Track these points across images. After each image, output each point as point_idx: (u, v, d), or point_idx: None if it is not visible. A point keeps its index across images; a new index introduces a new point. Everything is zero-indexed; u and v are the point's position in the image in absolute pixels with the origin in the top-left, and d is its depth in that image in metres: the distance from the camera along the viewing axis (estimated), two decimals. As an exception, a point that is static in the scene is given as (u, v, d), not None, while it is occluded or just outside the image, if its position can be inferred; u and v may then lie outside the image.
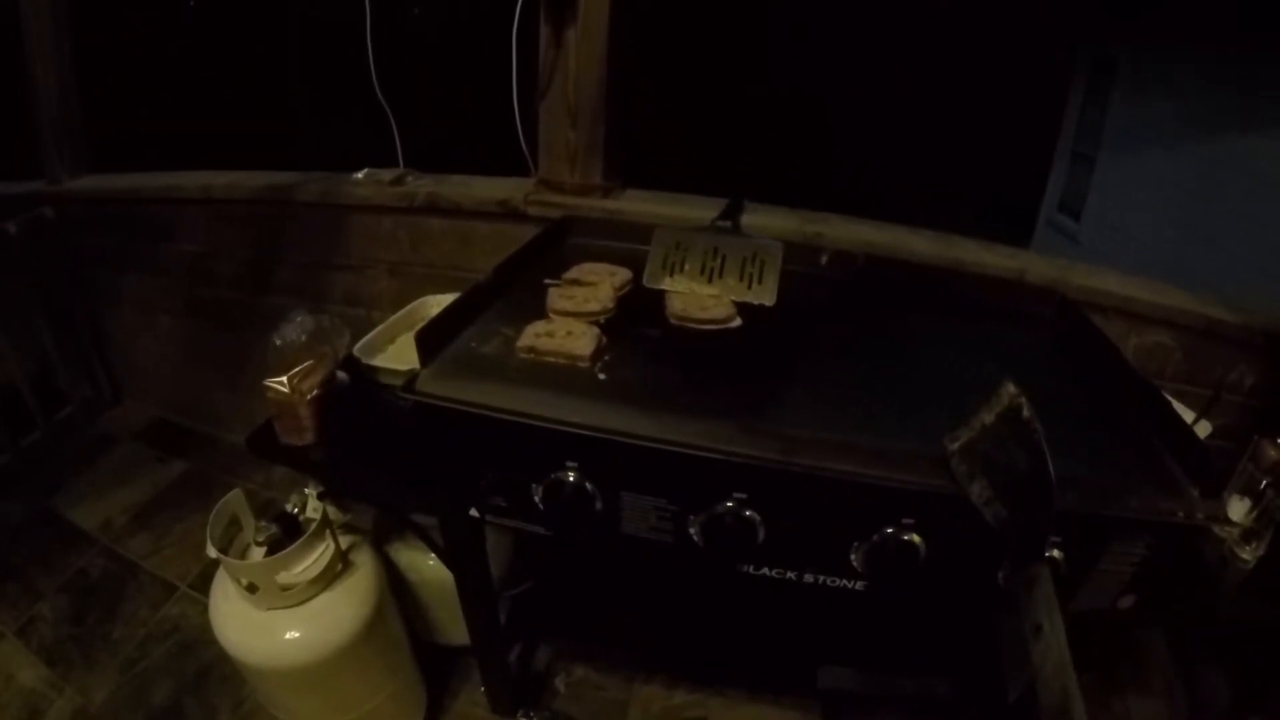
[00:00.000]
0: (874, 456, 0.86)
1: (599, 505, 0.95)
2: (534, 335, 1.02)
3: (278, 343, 1.19)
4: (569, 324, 1.06)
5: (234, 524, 1.36)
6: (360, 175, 1.83)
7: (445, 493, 1.06)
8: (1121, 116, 5.74)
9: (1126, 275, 1.63)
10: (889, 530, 0.87)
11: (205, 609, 1.93)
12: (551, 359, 1.00)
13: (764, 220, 1.53)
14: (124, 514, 2.27)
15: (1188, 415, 1.22)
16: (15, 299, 2.31)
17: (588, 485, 0.94)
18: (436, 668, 1.68)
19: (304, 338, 1.20)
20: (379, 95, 1.73)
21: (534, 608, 1.64)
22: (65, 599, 2.02)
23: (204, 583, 1.98)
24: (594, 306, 1.12)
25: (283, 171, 2.01)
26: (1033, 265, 1.54)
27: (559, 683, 1.71)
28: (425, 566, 1.51)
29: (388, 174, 1.80)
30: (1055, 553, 0.84)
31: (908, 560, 0.87)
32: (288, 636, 1.29)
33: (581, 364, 0.99)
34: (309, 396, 1.19)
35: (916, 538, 0.86)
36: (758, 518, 0.89)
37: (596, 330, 1.05)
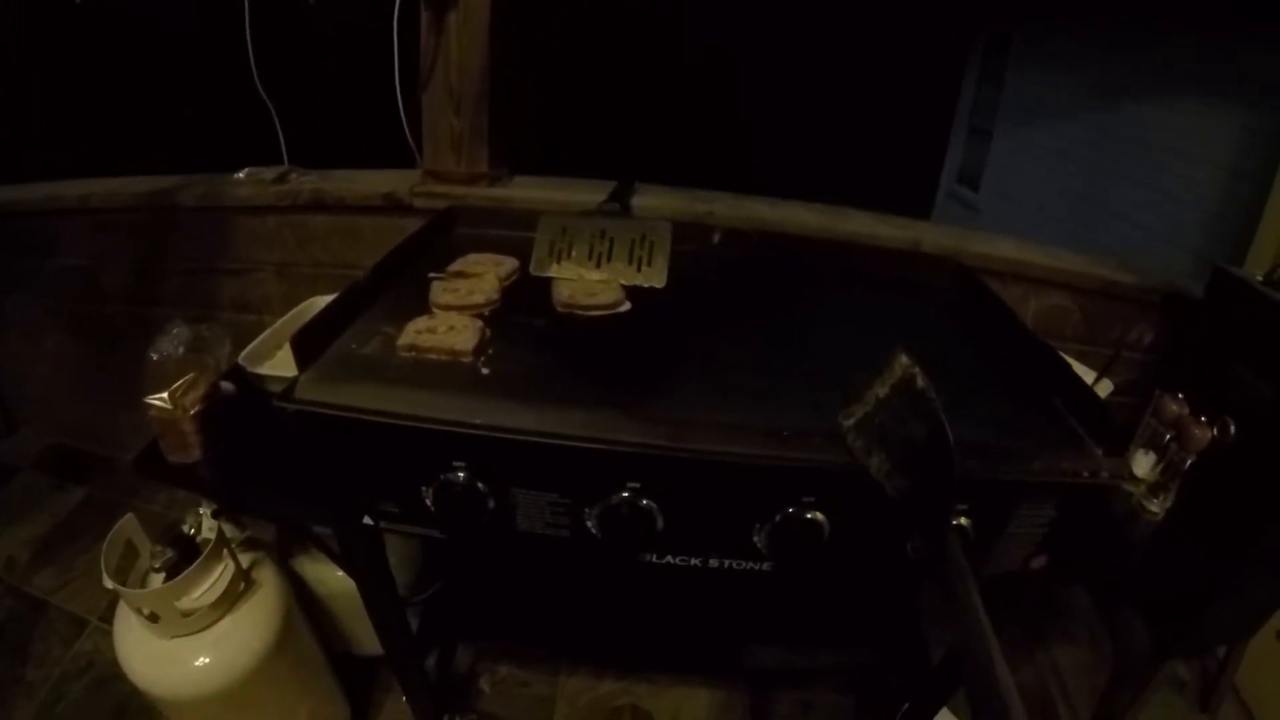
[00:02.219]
0: (768, 436, 0.86)
1: (491, 504, 0.93)
2: (414, 332, 1.00)
3: (155, 357, 1.14)
4: (451, 318, 1.03)
5: (131, 550, 1.30)
6: (241, 175, 1.76)
7: (335, 502, 1.03)
8: (1016, 91, 5.92)
9: (1023, 241, 1.67)
10: (790, 510, 0.86)
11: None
12: (433, 356, 0.97)
13: (654, 201, 1.53)
14: (26, 549, 2.16)
15: (1088, 375, 1.27)
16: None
17: (478, 484, 0.91)
18: (356, 679, 1.65)
19: (181, 350, 1.15)
20: (259, 90, 1.66)
21: (447, 610, 1.62)
22: (-27, 645, 1.92)
23: (114, 613, 1.91)
24: (478, 299, 1.09)
25: (163, 176, 1.91)
26: (928, 235, 1.57)
27: (483, 683, 1.70)
28: (332, 578, 1.48)
29: (270, 172, 1.74)
30: (963, 520, 0.86)
31: (812, 538, 0.87)
32: (195, 664, 1.25)
33: (464, 359, 0.97)
34: (192, 411, 1.14)
35: (819, 515, 0.86)
36: (654, 506, 0.88)
37: (480, 324, 1.03)
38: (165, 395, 1.11)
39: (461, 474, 0.91)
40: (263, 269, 1.85)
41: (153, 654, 1.26)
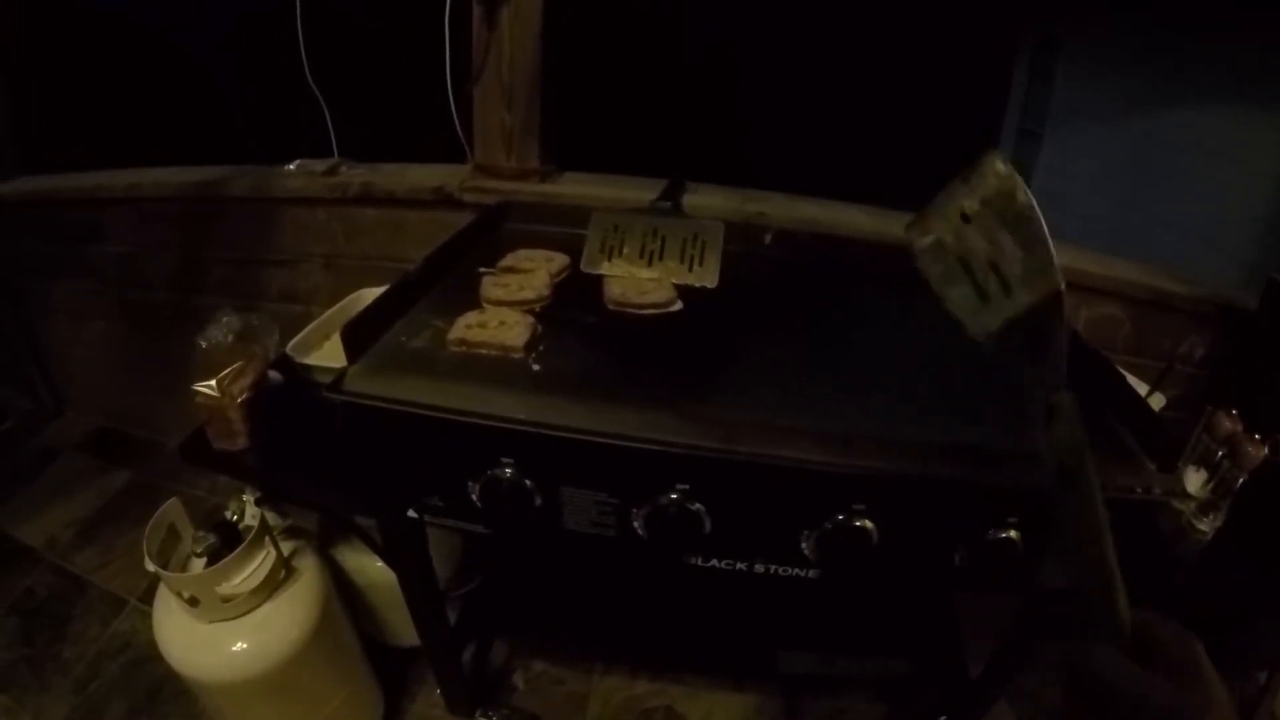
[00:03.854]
0: (820, 440, 0.83)
1: (538, 501, 0.92)
2: (465, 327, 0.99)
3: (203, 345, 1.14)
4: (502, 314, 1.02)
5: (173, 535, 1.31)
6: (292, 167, 1.77)
7: (380, 494, 1.03)
8: (1066, 93, 5.78)
9: (1076, 248, 1.62)
10: (840, 517, 0.84)
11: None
12: (483, 351, 0.96)
13: (705, 200, 1.50)
14: (69, 528, 2.20)
15: (1141, 388, 1.22)
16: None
17: (525, 481, 0.90)
18: (392, 669, 1.65)
19: (231, 338, 1.15)
20: (310, 83, 1.67)
21: (485, 605, 1.62)
22: (15, 620, 1.95)
23: (153, 595, 1.93)
24: (528, 294, 1.08)
25: (212, 166, 1.93)
26: None
27: (517, 678, 1.69)
28: (373, 568, 1.47)
29: (320, 164, 1.74)
30: (1011, 534, 0.83)
31: (860, 547, 0.85)
32: (233, 649, 1.25)
33: (514, 355, 0.96)
34: (239, 400, 1.14)
35: (869, 523, 0.84)
36: (703, 509, 0.86)
37: (531, 319, 1.01)
38: (213, 383, 1.11)
39: (509, 470, 0.91)
40: (310, 260, 1.86)
41: (191, 637, 1.26)
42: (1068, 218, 5.45)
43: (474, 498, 0.94)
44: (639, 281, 1.15)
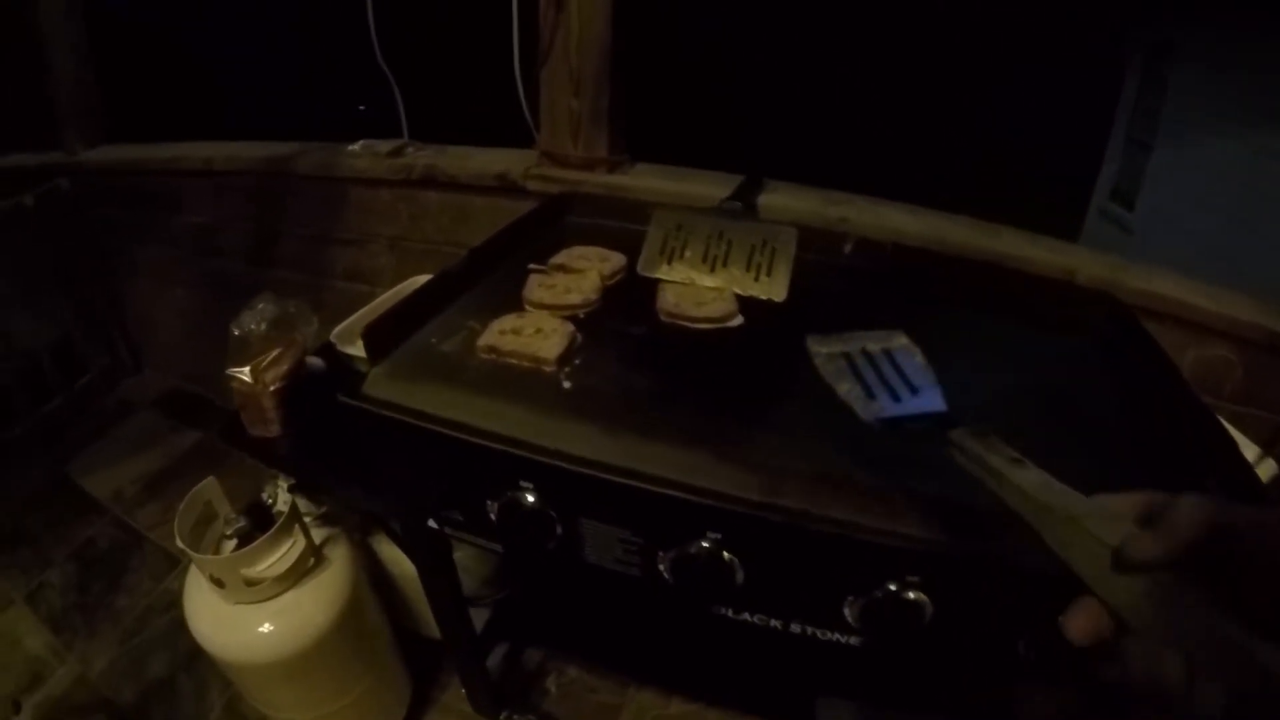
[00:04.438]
0: (879, 500, 0.72)
1: (558, 530, 0.84)
2: (498, 332, 0.92)
3: (235, 332, 1.11)
4: (541, 319, 0.95)
5: (210, 512, 1.30)
6: (356, 147, 1.74)
7: (401, 501, 0.98)
8: (1179, 102, 5.34)
9: (1186, 278, 1.44)
10: (890, 587, 0.73)
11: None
12: (513, 361, 0.89)
13: (783, 200, 1.39)
14: (135, 483, 2.28)
15: (1249, 449, 1.06)
16: (34, 270, 2.33)
17: (546, 508, 0.83)
18: (424, 659, 1.62)
19: (264, 326, 1.12)
20: (380, 62, 1.63)
21: (515, 613, 1.56)
22: (73, 567, 2.04)
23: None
24: (574, 298, 1.00)
25: (282, 143, 1.95)
26: (1083, 264, 1.37)
27: (550, 683, 1.64)
28: (407, 561, 1.43)
29: (385, 145, 1.71)
30: None
31: (911, 621, 0.74)
32: (257, 630, 1.23)
33: (546, 369, 0.88)
34: (273, 388, 1.11)
35: (924, 597, 0.72)
36: (735, 560, 0.77)
37: (571, 328, 0.94)
38: (247, 370, 1.09)
39: (529, 495, 0.83)
40: (376, 241, 1.85)
41: (216, 615, 1.26)
42: (1174, 234, 5.05)
43: (492, 517, 0.87)
44: (697, 291, 1.06)
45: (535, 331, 0.92)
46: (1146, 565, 0.42)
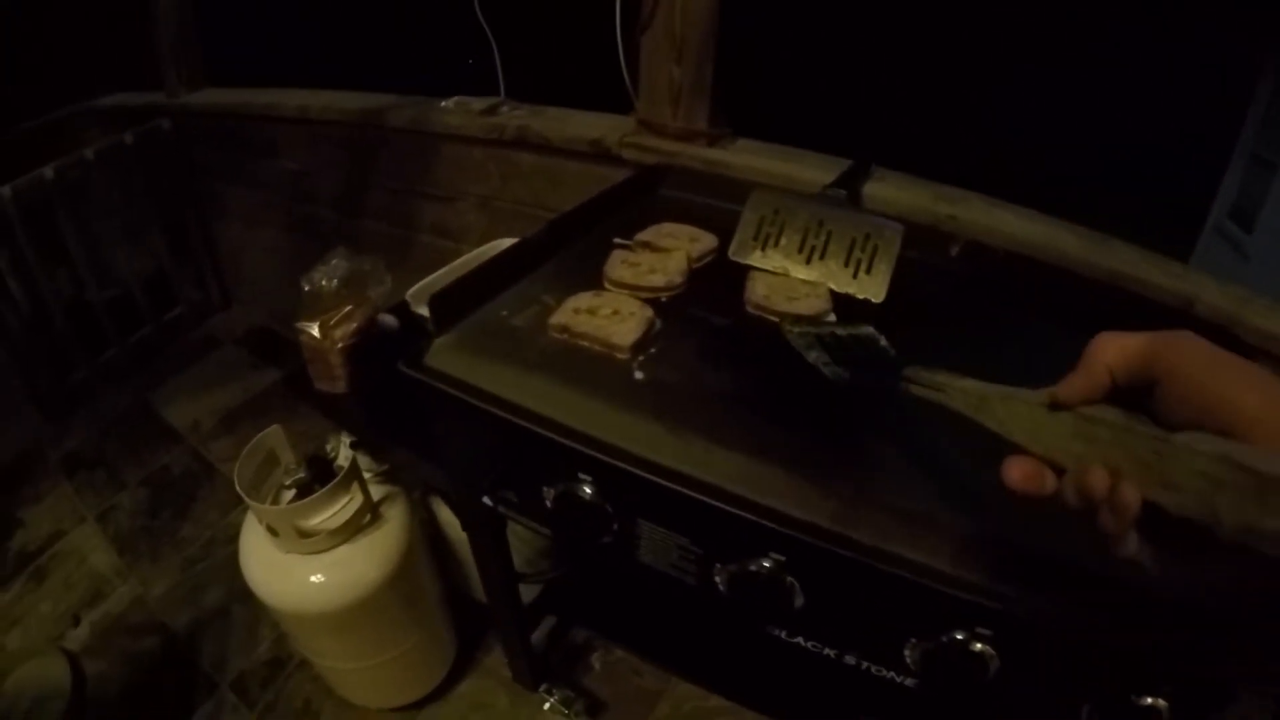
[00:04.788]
0: (958, 544, 0.64)
1: (615, 526, 0.80)
2: (572, 311, 0.86)
3: (306, 287, 1.09)
4: (619, 300, 0.89)
5: (273, 459, 1.30)
6: (449, 103, 1.71)
7: (457, 474, 0.94)
8: None
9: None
10: (957, 636, 0.65)
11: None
12: (584, 344, 0.84)
13: (890, 192, 1.28)
14: (213, 416, 2.34)
15: None
16: (133, 205, 2.40)
17: (604, 503, 0.78)
18: (471, 621, 1.62)
19: (335, 283, 1.09)
20: (479, 15, 1.58)
21: (565, 592, 1.53)
22: (145, 492, 2.12)
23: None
24: (657, 280, 0.94)
25: (376, 94, 1.94)
26: (1204, 293, 1.21)
27: (595, 659, 1.62)
28: (462, 526, 1.42)
29: (479, 103, 1.67)
30: (1162, 703, 0.62)
31: (974, 672, 0.66)
32: (308, 579, 1.23)
33: (618, 355, 0.82)
34: (340, 345, 1.09)
35: (990, 650, 0.65)
36: (795, 584, 0.71)
37: (650, 313, 0.87)
38: (315, 325, 1.06)
39: (587, 488, 0.78)
40: (465, 198, 1.81)
41: (269, 562, 1.26)
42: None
43: (547, 504, 0.83)
44: (790, 283, 0.98)
45: (612, 313, 0.86)
46: (1076, 400, 0.48)
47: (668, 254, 1.00)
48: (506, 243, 1.40)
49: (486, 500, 0.92)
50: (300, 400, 1.19)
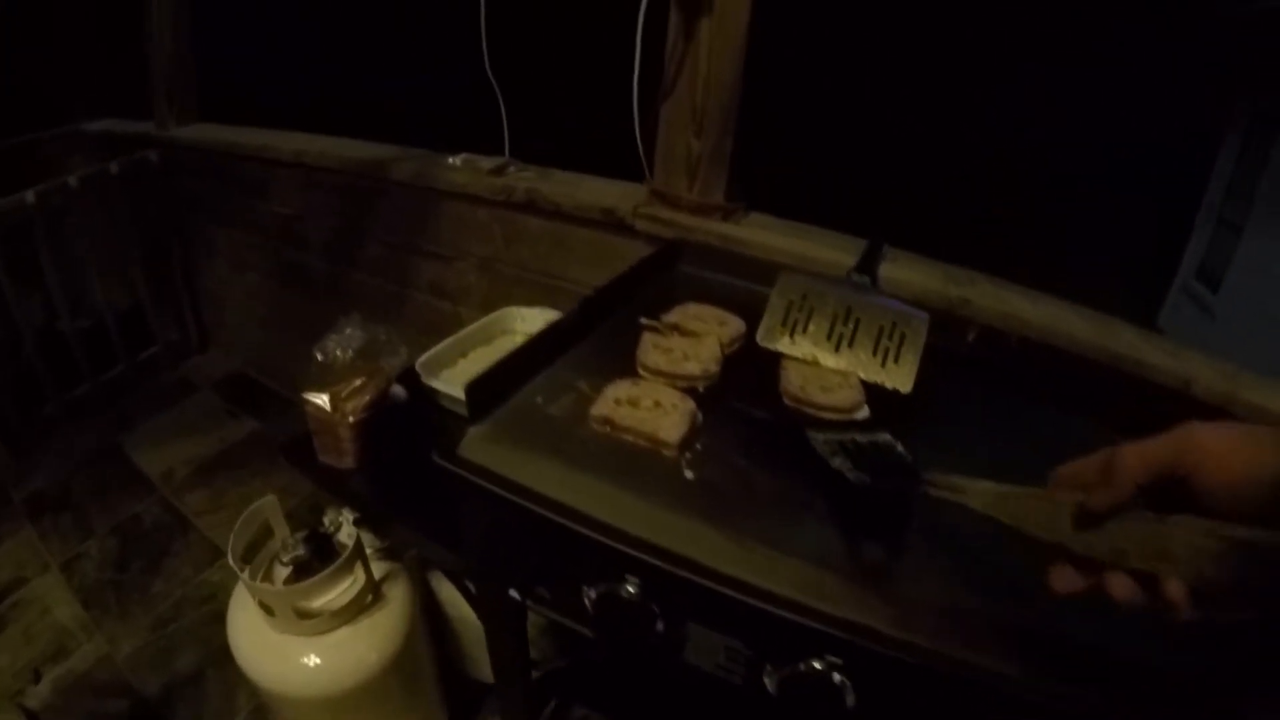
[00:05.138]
0: (1019, 646, 0.63)
1: (660, 627, 0.76)
2: (613, 402, 0.83)
3: (319, 357, 1.04)
4: (659, 390, 0.87)
5: (266, 531, 1.23)
6: (457, 160, 1.68)
7: (485, 566, 0.90)
8: (1277, 185, 5.06)
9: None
10: None
11: (243, 578, 1.89)
12: (629, 438, 0.81)
13: (903, 273, 1.29)
14: (187, 465, 2.25)
15: None
16: (114, 236, 2.32)
17: (650, 605, 0.75)
18: (463, 696, 1.54)
19: (350, 354, 1.05)
20: (488, 73, 1.56)
21: (566, 675, 1.48)
22: (114, 541, 2.01)
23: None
24: (693, 369, 0.92)
25: (377, 144, 1.91)
26: (1201, 373, 1.24)
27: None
28: (466, 605, 1.36)
29: (487, 162, 1.65)
30: None
31: None
32: (302, 662, 1.16)
33: (666, 452, 0.80)
34: (352, 419, 1.04)
35: None
36: (848, 683, 0.68)
37: (692, 406, 0.85)
38: (325, 397, 1.02)
39: (632, 588, 0.75)
40: (466, 259, 1.78)
41: (262, 640, 1.19)
42: (1261, 323, 4.76)
43: (587, 603, 0.80)
44: (821, 373, 0.97)
45: (654, 405, 0.84)
46: (1106, 512, 0.52)
47: (699, 339, 0.98)
48: (518, 313, 1.38)
49: (514, 593, 0.88)
50: (301, 472, 1.13)
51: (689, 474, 0.78)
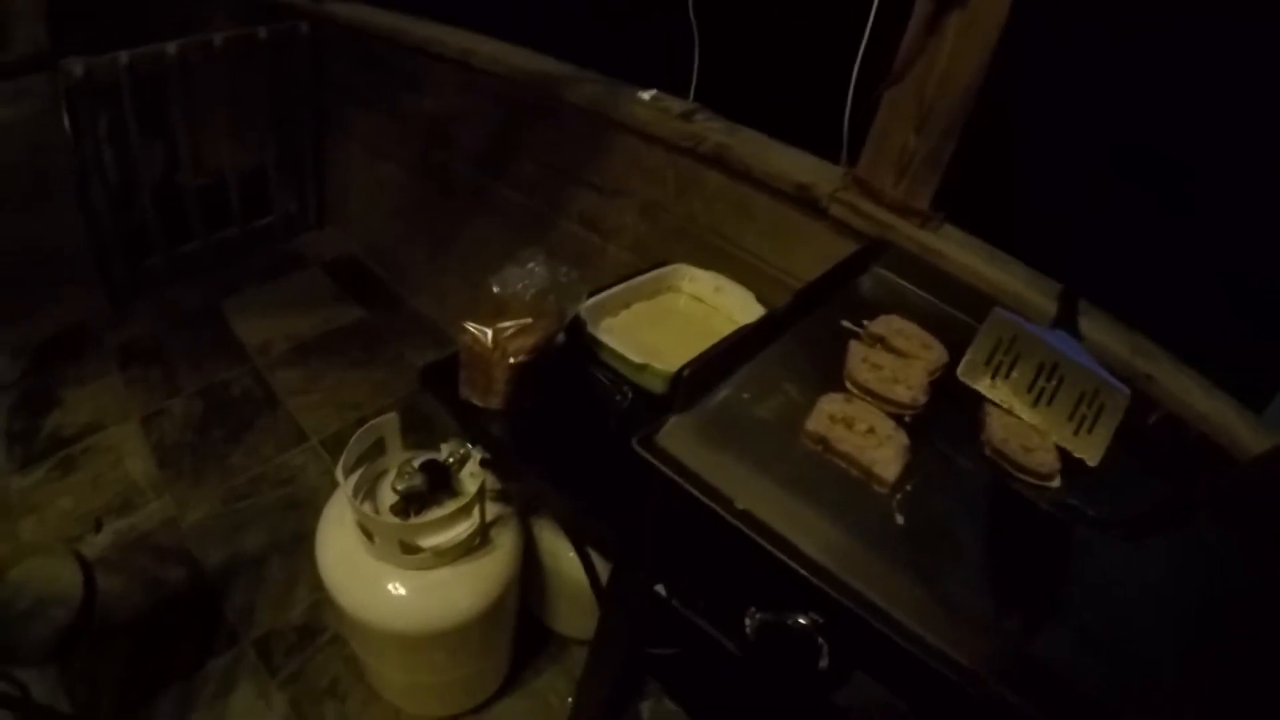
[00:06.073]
0: None
1: (823, 664, 0.71)
2: (828, 419, 0.75)
3: (495, 289, 0.96)
4: (873, 415, 0.78)
5: (378, 447, 1.18)
6: (646, 96, 1.57)
7: (635, 555, 0.84)
8: None
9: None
10: None
11: (327, 469, 1.84)
12: (842, 464, 0.73)
13: (1093, 334, 1.17)
14: (286, 341, 2.23)
15: None
16: (250, 101, 2.28)
17: (819, 641, 0.70)
18: (531, 641, 1.53)
19: (530, 294, 0.97)
20: (690, 11, 1.45)
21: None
22: (199, 404, 1.99)
23: (337, 444, 1.90)
24: (902, 395, 0.83)
25: (553, 59, 1.79)
26: None
27: (644, 708, 1.51)
28: (566, 559, 1.32)
29: (678, 105, 1.53)
30: None
31: None
32: (393, 594, 1.12)
33: (878, 488, 0.72)
34: (512, 359, 0.97)
35: None
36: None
37: (905, 441, 0.77)
38: (489, 330, 0.95)
39: (806, 621, 0.69)
40: (629, 197, 1.67)
41: (355, 563, 1.14)
42: None
43: (747, 623, 0.73)
44: (1024, 430, 0.87)
45: (868, 430, 0.76)
46: None
47: (907, 360, 0.90)
48: (689, 273, 1.32)
49: (660, 589, 0.82)
50: (439, 401, 1.07)
51: (899, 519, 0.70)
